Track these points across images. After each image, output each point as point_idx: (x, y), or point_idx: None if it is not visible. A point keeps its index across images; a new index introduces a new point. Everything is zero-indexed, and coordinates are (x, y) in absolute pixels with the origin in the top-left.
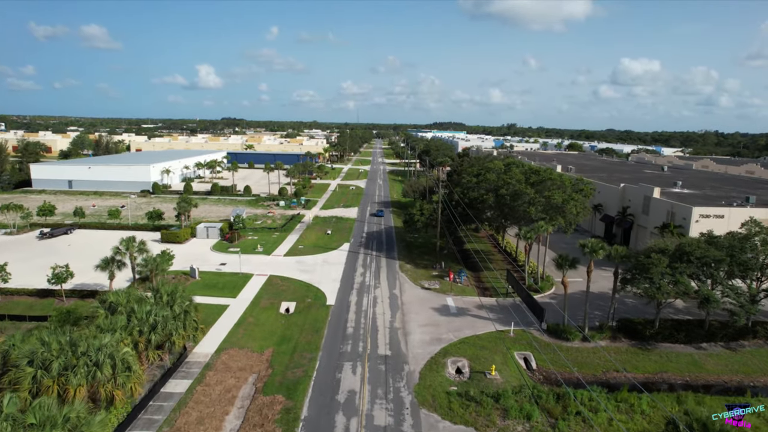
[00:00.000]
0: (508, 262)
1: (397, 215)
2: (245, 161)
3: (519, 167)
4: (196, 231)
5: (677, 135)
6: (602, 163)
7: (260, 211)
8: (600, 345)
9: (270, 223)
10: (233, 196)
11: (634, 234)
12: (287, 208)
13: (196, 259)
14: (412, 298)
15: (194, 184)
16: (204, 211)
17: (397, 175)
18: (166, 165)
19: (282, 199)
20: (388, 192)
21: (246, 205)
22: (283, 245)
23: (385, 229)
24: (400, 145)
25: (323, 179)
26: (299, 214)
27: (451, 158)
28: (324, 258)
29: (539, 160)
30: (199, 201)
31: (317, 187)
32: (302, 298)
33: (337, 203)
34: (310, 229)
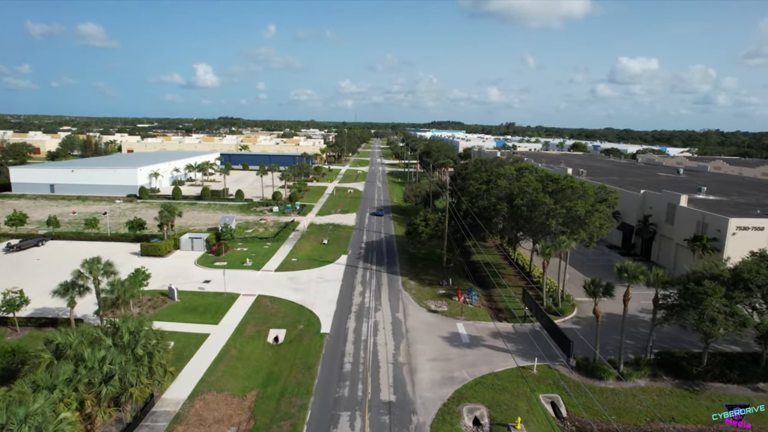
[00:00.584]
0: (521, 277)
1: (398, 222)
2: (239, 162)
3: (531, 172)
4: (179, 243)
5: (678, 134)
6: (611, 164)
7: (252, 218)
8: (639, 385)
9: (262, 231)
10: (224, 200)
11: (657, 245)
12: (281, 215)
13: (178, 276)
14: (418, 323)
15: (185, 187)
16: (192, 219)
17: (397, 176)
18: (155, 168)
19: (276, 205)
20: (387, 196)
21: (237, 211)
22: (275, 258)
23: (385, 238)
24: (398, 144)
25: (320, 182)
26: (293, 221)
27: (453, 159)
28: (319, 273)
29: (546, 162)
30: (188, 207)
31: (314, 190)
32: (293, 324)
33: (335, 208)
34: (305, 239)
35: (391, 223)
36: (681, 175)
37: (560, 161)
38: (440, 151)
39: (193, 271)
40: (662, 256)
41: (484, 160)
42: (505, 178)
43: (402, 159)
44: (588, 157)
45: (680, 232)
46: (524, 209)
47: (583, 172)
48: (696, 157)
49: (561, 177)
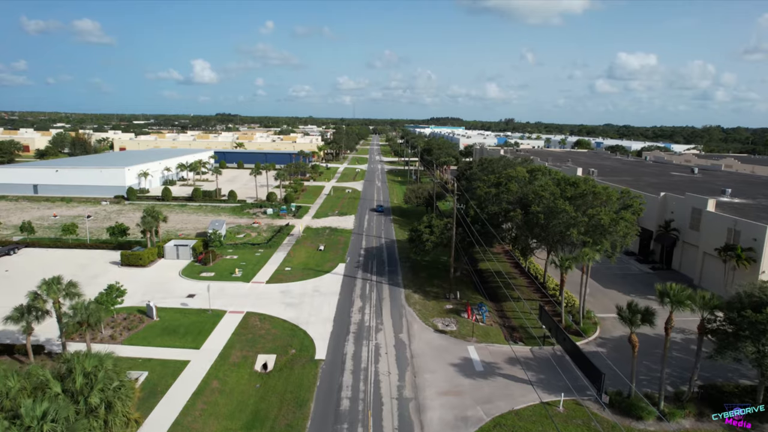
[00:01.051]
0: (535, 289)
1: (399, 225)
2: (234, 161)
3: (545, 174)
4: (164, 251)
5: (679, 130)
6: (620, 163)
7: (245, 221)
8: (684, 426)
9: (254, 236)
10: (216, 202)
11: (679, 252)
12: (275, 217)
13: (159, 290)
14: (424, 346)
15: (176, 187)
16: (181, 222)
17: (397, 175)
18: (144, 167)
19: (270, 206)
20: (387, 196)
21: (229, 214)
22: (267, 267)
23: (386, 243)
24: (397, 141)
25: (317, 181)
26: (288, 224)
27: (455, 158)
28: (315, 285)
29: (552, 161)
30: (178, 209)
31: (310, 190)
32: (284, 348)
33: (332, 210)
34: (300, 245)
35: (392, 226)
36: (696, 174)
37: (567, 159)
38: (441, 149)
39: (176, 283)
40: (686, 264)
41: (489, 160)
42: (516, 181)
43: (401, 156)
44: (594, 155)
45: (708, 240)
46: (541, 217)
47: (594, 172)
48: (704, 155)
49: (580, 180)
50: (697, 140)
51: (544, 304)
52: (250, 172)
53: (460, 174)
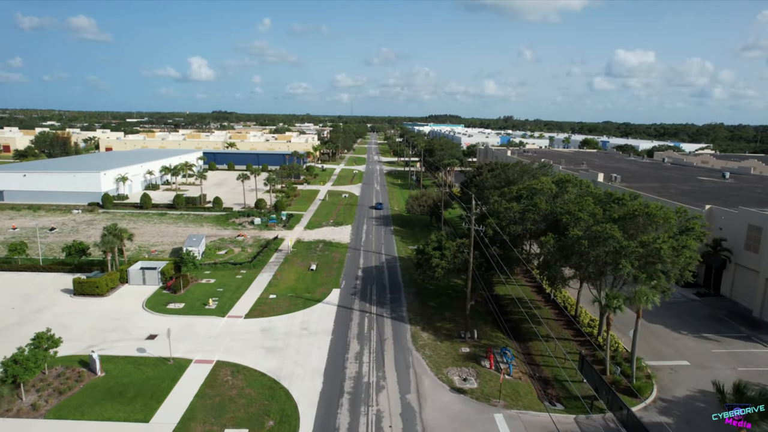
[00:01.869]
0: (565, 323)
1: (400, 237)
2: (224, 162)
3: (576, 186)
4: (128, 275)
5: (680, 127)
6: (638, 166)
7: (229, 233)
8: None
9: (237, 253)
10: (200, 210)
11: (730, 276)
12: (263, 228)
13: (114, 329)
14: (439, 415)
15: (158, 193)
16: (157, 234)
17: (396, 177)
18: (123, 171)
19: (258, 215)
20: (387, 202)
21: (213, 224)
22: (248, 294)
23: (386, 261)
24: (396, 140)
25: (312, 184)
26: (277, 237)
27: (459, 160)
28: (303, 320)
29: (566, 164)
30: (156, 218)
31: (304, 195)
32: (260, 418)
33: (326, 219)
34: (289, 263)
35: (393, 239)
36: (728, 180)
37: (581, 162)
38: (444, 150)
39: (137, 318)
40: (740, 291)
41: (503, 165)
42: (542, 194)
43: (400, 156)
44: (606, 157)
45: None
46: (584, 244)
47: (617, 178)
48: (720, 155)
49: (627, 197)
50: (702, 138)
51: (581, 346)
52: (237, 176)
53: (468, 180)
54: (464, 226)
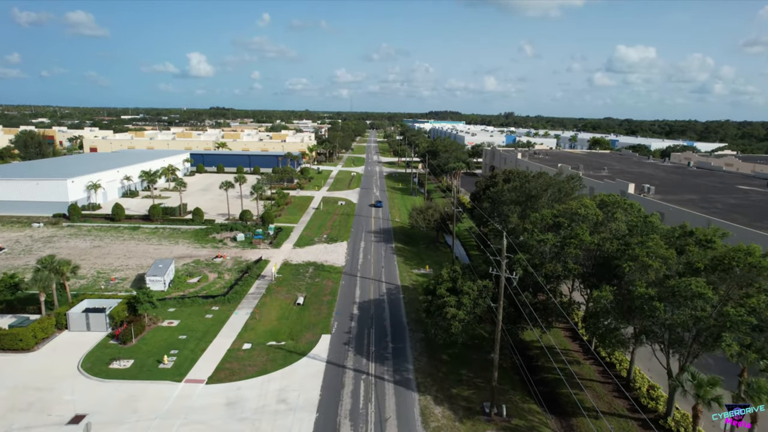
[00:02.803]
0: (614, 388)
1: (404, 258)
2: (213, 164)
3: (626, 211)
4: (68, 319)
5: (684, 124)
6: (662, 170)
7: (206, 253)
8: None
9: (212, 280)
10: (178, 223)
11: None
12: (247, 245)
13: (30, 406)
14: None
15: (137, 200)
16: (123, 255)
17: (397, 180)
18: (96, 178)
19: (242, 229)
20: (387, 211)
21: (191, 240)
22: (217, 344)
23: (387, 293)
24: (396, 137)
25: (306, 189)
26: (261, 259)
27: (465, 162)
28: (281, 386)
29: (585, 169)
30: (128, 233)
31: (296, 202)
32: None
33: (319, 233)
34: (272, 295)
35: (395, 261)
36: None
37: (600, 166)
38: (448, 152)
39: (66, 387)
40: None
41: (521, 175)
42: (585, 221)
43: (401, 157)
44: (623, 159)
45: None
46: (659, 308)
47: (650, 190)
48: (745, 157)
49: (713, 233)
50: (711, 136)
51: (644, 430)
52: (220, 185)
53: (480, 191)
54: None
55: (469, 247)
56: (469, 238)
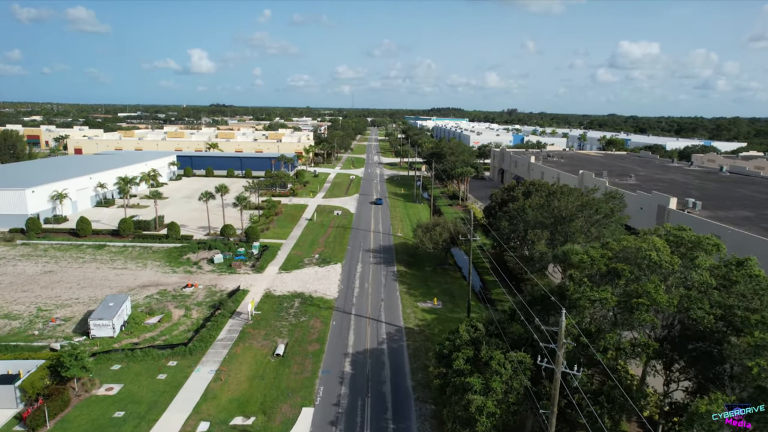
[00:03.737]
0: None
1: (407, 287)
2: (203, 166)
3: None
4: None
5: (691, 120)
6: (694, 177)
7: (176, 280)
8: None
9: (177, 319)
10: (150, 240)
11: None
12: (225, 268)
13: None
14: None
15: (111, 211)
16: (77, 285)
17: (399, 185)
18: (62, 186)
19: (222, 248)
20: (388, 223)
21: (163, 261)
22: (162, 425)
23: (387, 338)
24: (397, 136)
25: (299, 196)
26: (239, 289)
27: (473, 167)
28: None
29: (609, 176)
30: (90, 252)
31: (287, 212)
32: None
33: (310, 252)
34: (246, 341)
35: (397, 290)
36: None
37: (624, 172)
38: (454, 154)
39: None
40: None
41: (544, 188)
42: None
43: (403, 157)
44: (645, 163)
45: None
46: None
47: (695, 205)
48: None
49: None
50: (723, 134)
51: None
52: (200, 196)
53: (496, 206)
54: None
55: (483, 270)
56: (480, 258)
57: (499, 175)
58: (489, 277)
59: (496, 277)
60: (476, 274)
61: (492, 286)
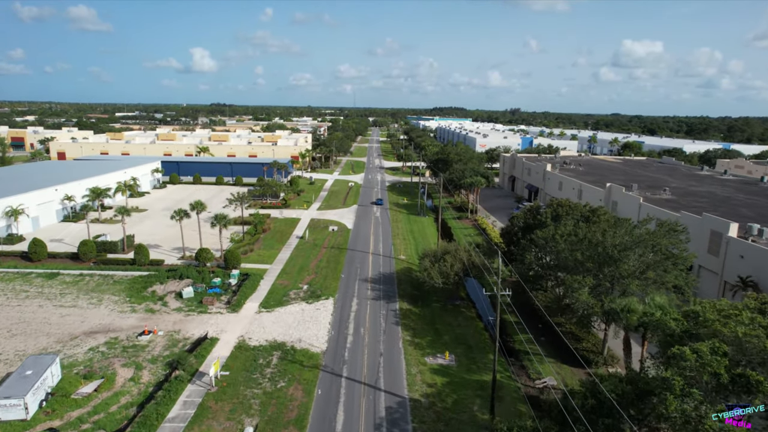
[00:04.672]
0: None
1: (411, 333)
2: (190, 173)
3: None
4: None
5: (698, 121)
6: (734, 189)
7: (132, 324)
8: None
9: (120, 387)
10: (113, 266)
11: None
12: (195, 305)
13: None
14: None
15: (80, 226)
16: (5, 331)
17: (402, 193)
18: (17, 201)
19: (195, 277)
20: (390, 241)
21: (122, 296)
22: None
23: (387, 418)
24: (399, 137)
25: (292, 207)
26: (206, 338)
27: (484, 176)
28: None
29: (639, 190)
30: (39, 282)
31: (277, 227)
32: None
33: (299, 281)
34: (204, 421)
35: (399, 339)
36: None
37: (660, 187)
38: (462, 160)
39: None
40: None
41: (575, 209)
42: None
43: (405, 161)
44: (670, 170)
45: None
46: None
47: (763, 232)
48: None
49: None
50: (736, 135)
51: None
52: (172, 214)
53: (519, 230)
54: None
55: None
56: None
57: (509, 182)
58: (510, 317)
59: (519, 317)
60: (490, 308)
61: (511, 325)
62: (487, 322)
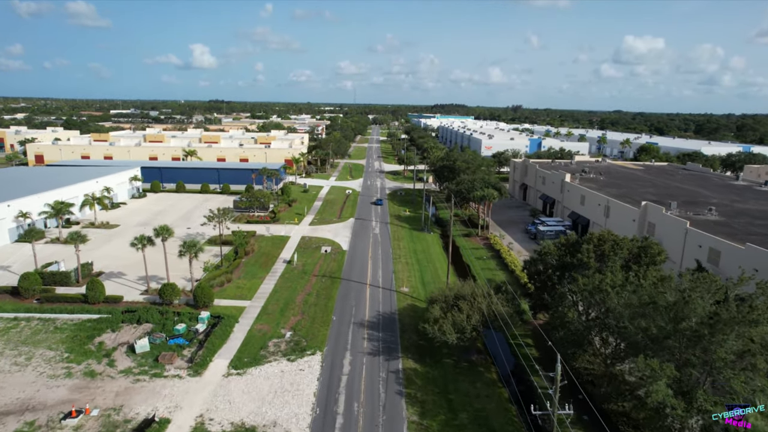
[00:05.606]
0: None
1: (420, 411)
2: (173, 180)
3: None
4: None
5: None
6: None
7: (61, 395)
8: None
9: None
10: (57, 308)
11: None
12: (150, 362)
13: None
14: None
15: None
16: None
17: (403, 202)
18: None
19: (156, 320)
20: (390, 267)
21: (59, 350)
22: None
23: None
24: (400, 137)
25: (282, 222)
26: (153, 420)
27: (497, 189)
28: None
29: (677, 210)
30: None
31: (262, 248)
32: None
33: (281, 325)
34: None
35: (404, 423)
36: None
37: (703, 205)
38: (470, 168)
39: None
40: None
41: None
42: None
43: (406, 165)
44: (700, 179)
45: None
46: None
47: None
48: None
49: None
50: (748, 134)
51: None
52: (132, 241)
53: (551, 270)
54: None
55: (526, 356)
56: (525, 334)
57: (521, 191)
58: (537, 378)
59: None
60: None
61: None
62: (513, 390)
